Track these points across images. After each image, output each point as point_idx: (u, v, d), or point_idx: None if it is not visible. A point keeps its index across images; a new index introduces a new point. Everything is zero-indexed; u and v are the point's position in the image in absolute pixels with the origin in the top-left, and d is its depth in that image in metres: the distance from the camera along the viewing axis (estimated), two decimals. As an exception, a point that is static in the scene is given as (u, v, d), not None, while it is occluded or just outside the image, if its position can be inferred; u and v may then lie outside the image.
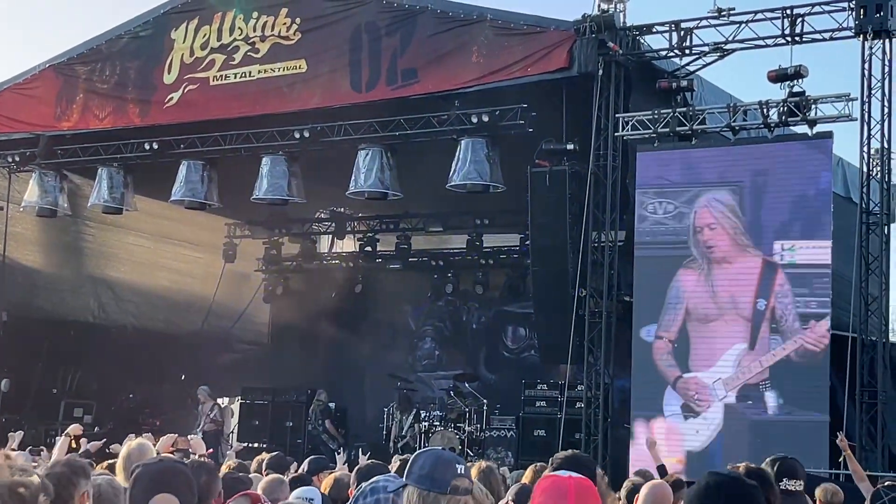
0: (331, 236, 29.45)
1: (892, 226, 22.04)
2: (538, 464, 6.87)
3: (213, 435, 21.97)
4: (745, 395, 15.85)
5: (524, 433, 20.89)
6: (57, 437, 21.64)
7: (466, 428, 21.89)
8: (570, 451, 5.51)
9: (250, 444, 23.06)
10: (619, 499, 9.44)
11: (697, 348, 16.40)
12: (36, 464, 10.64)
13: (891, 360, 15.98)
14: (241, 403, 25.68)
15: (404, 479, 3.99)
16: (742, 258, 16.18)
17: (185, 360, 26.75)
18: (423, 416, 22.50)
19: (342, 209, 28.03)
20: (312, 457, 8.64)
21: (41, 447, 15.40)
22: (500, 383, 24.79)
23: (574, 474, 3.90)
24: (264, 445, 21.98)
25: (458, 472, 3.89)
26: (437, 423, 22.23)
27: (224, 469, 7.38)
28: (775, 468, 5.50)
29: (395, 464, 8.38)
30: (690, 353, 16.41)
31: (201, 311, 28.29)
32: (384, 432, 22.98)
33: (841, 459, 11.03)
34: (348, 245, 29.30)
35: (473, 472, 6.70)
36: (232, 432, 25.54)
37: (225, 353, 28.60)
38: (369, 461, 8.68)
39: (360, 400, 25.96)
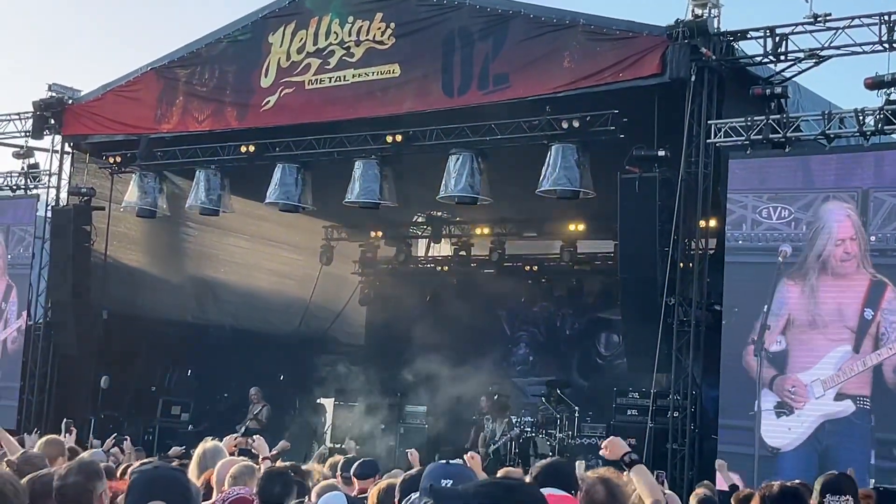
0: (427, 240, 29.54)
1: None
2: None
3: (255, 433, 22.03)
4: (843, 397, 15.52)
5: (615, 441, 20.67)
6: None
7: (557, 434, 21.79)
8: (549, 459, 5.45)
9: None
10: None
11: (797, 353, 16.10)
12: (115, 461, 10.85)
13: None
14: (334, 404, 25.85)
15: None
16: (860, 274, 15.79)
17: (281, 361, 27.04)
18: (514, 421, 22.45)
19: (439, 213, 28.08)
20: (363, 460, 8.64)
21: (125, 437, 15.67)
22: (592, 390, 24.65)
23: (555, 492, 3.82)
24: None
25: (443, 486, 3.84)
26: (529, 429, 22.17)
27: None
28: (821, 484, 5.41)
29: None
30: (790, 357, 16.12)
31: (298, 312, 28.60)
32: (472, 436, 22.95)
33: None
34: (444, 249, 29.37)
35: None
36: (326, 432, 25.72)
37: (321, 354, 28.86)
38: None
39: (453, 404, 25.93)
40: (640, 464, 6.15)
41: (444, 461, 4.14)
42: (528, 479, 5.39)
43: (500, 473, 7.04)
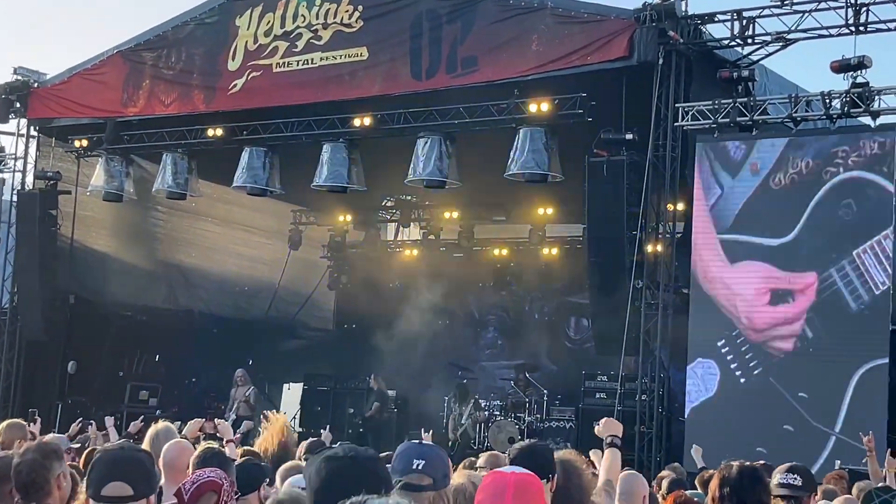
0: (396, 224, 29.50)
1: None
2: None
3: (248, 419, 21.91)
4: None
5: (583, 424, 20.69)
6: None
7: (526, 418, 21.87)
8: (528, 441, 5.45)
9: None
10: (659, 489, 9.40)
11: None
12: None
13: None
14: (303, 389, 25.82)
15: None
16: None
17: (251, 346, 26.94)
18: (483, 405, 22.48)
19: (408, 197, 28.01)
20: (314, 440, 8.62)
21: (90, 422, 15.58)
22: (561, 374, 24.67)
23: (517, 470, 3.80)
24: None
25: (415, 467, 3.82)
26: (498, 413, 22.23)
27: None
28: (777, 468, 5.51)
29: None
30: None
31: (268, 297, 28.49)
32: (444, 421, 22.97)
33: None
34: (413, 233, 29.33)
35: (481, 461, 6.65)
36: (295, 417, 25.67)
37: (290, 339, 28.79)
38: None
39: (421, 388, 25.91)
40: (616, 448, 6.36)
41: (416, 441, 4.12)
42: (506, 460, 5.42)
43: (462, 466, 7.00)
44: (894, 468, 9.84)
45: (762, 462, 6.33)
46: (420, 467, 3.81)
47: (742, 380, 16.25)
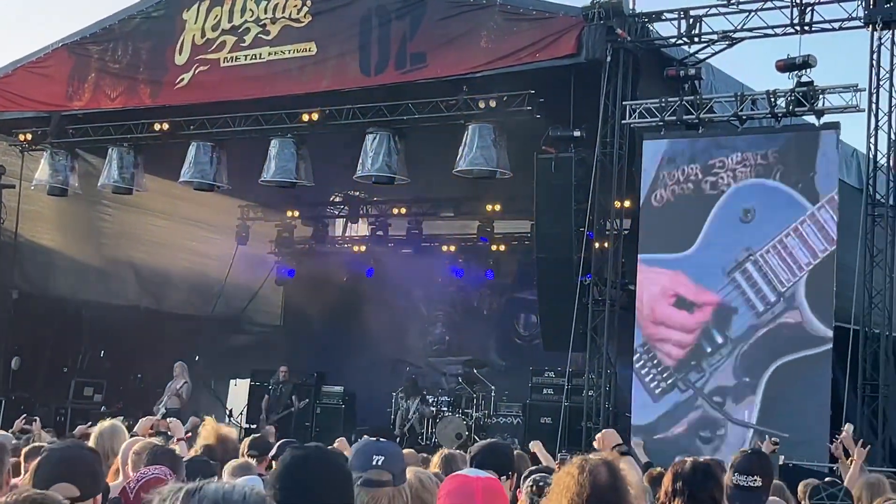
0: (344, 220, 29.45)
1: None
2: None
3: (175, 413, 21.64)
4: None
5: (530, 420, 20.85)
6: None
7: (474, 414, 21.92)
8: (488, 441, 5.47)
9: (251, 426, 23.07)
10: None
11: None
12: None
13: (894, 353, 15.82)
14: (250, 385, 25.70)
15: None
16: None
17: (197, 342, 26.78)
18: (431, 401, 22.52)
19: (357, 193, 27.97)
20: (284, 440, 8.58)
21: (35, 418, 15.40)
22: (510, 370, 24.76)
23: (482, 474, 3.82)
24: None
25: (374, 463, 3.83)
26: (446, 409, 22.28)
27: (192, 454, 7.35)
28: (732, 463, 5.51)
29: None
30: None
31: (216, 292, 28.33)
32: (392, 417, 22.99)
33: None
34: (361, 228, 29.30)
35: (435, 460, 6.65)
36: (242, 413, 25.57)
37: (237, 334, 28.67)
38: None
39: (369, 384, 25.91)
40: (628, 456, 6.29)
41: (374, 438, 4.14)
42: (467, 458, 5.41)
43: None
44: (862, 458, 9.94)
45: (713, 458, 6.35)
46: (379, 463, 3.82)
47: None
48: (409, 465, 4.44)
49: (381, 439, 4.15)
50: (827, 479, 7.42)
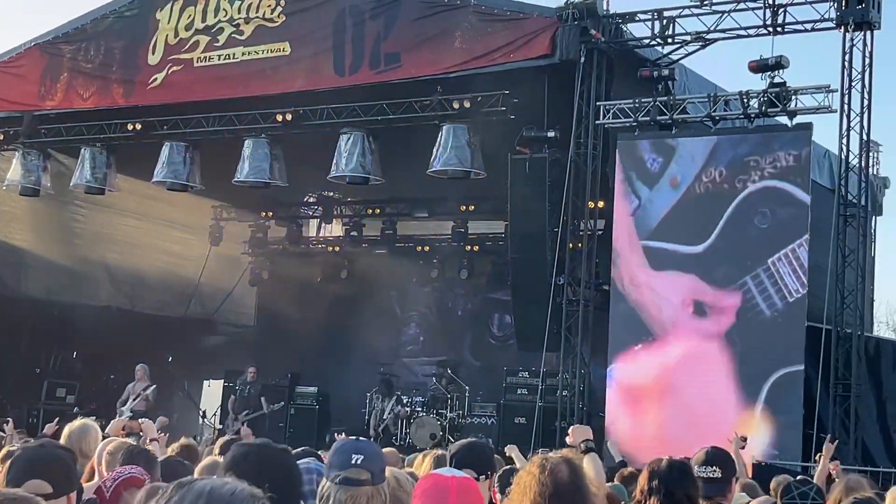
0: (318, 220, 29.38)
1: (879, 218, 22.22)
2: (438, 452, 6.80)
3: (142, 415, 21.33)
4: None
5: (505, 420, 20.84)
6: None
7: (448, 414, 21.89)
8: (468, 440, 5.48)
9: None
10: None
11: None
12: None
13: (866, 353, 15.94)
14: (224, 386, 25.61)
15: None
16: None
17: (170, 342, 26.68)
18: (405, 401, 22.49)
19: (331, 193, 27.90)
20: (229, 439, 8.59)
21: (7, 419, 15.32)
22: (484, 370, 24.72)
23: (457, 473, 3.83)
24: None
25: (353, 462, 3.83)
26: (420, 409, 22.26)
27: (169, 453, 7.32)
28: (693, 459, 5.58)
29: None
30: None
31: (189, 293, 28.23)
32: (366, 417, 22.96)
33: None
34: (335, 229, 29.22)
35: (427, 461, 6.65)
36: (215, 414, 25.51)
37: (210, 335, 28.57)
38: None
39: (343, 384, 25.88)
40: (594, 453, 6.40)
41: (353, 437, 4.14)
42: (447, 457, 5.42)
43: None
44: (830, 453, 10.02)
45: (688, 457, 6.40)
46: (359, 462, 3.82)
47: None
48: (390, 465, 4.45)
49: (361, 438, 4.16)
50: (799, 477, 7.45)
